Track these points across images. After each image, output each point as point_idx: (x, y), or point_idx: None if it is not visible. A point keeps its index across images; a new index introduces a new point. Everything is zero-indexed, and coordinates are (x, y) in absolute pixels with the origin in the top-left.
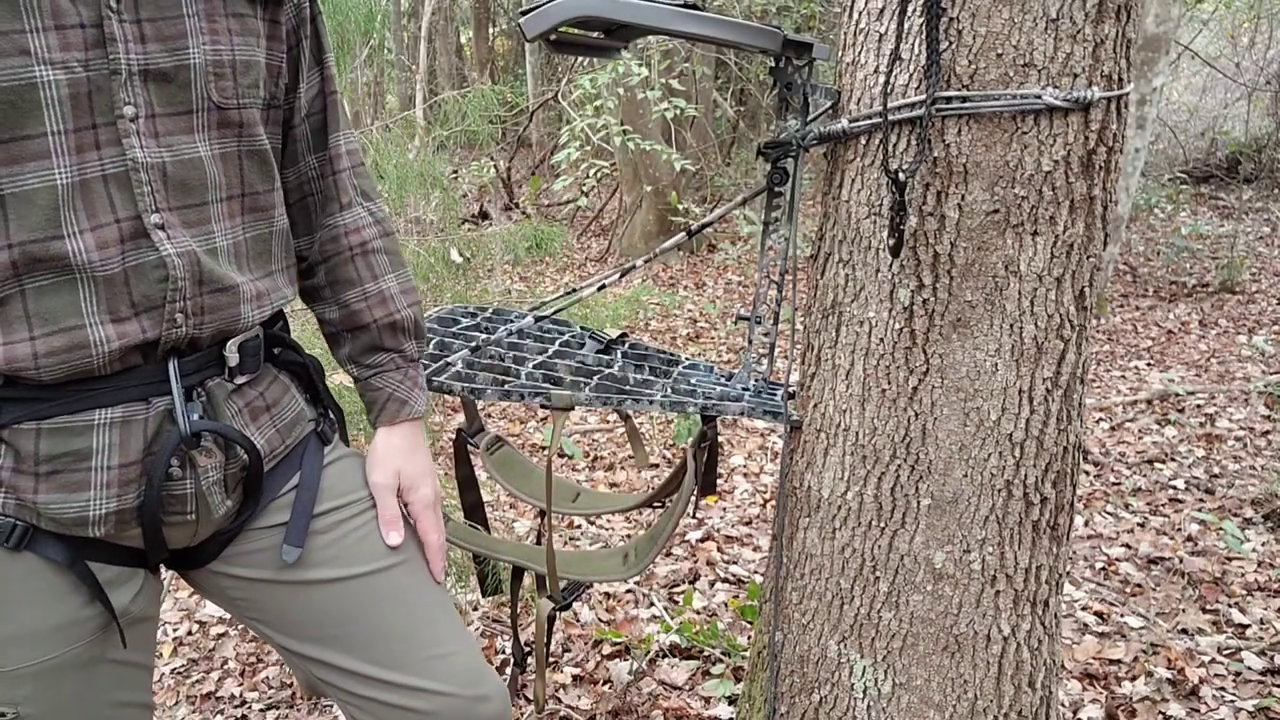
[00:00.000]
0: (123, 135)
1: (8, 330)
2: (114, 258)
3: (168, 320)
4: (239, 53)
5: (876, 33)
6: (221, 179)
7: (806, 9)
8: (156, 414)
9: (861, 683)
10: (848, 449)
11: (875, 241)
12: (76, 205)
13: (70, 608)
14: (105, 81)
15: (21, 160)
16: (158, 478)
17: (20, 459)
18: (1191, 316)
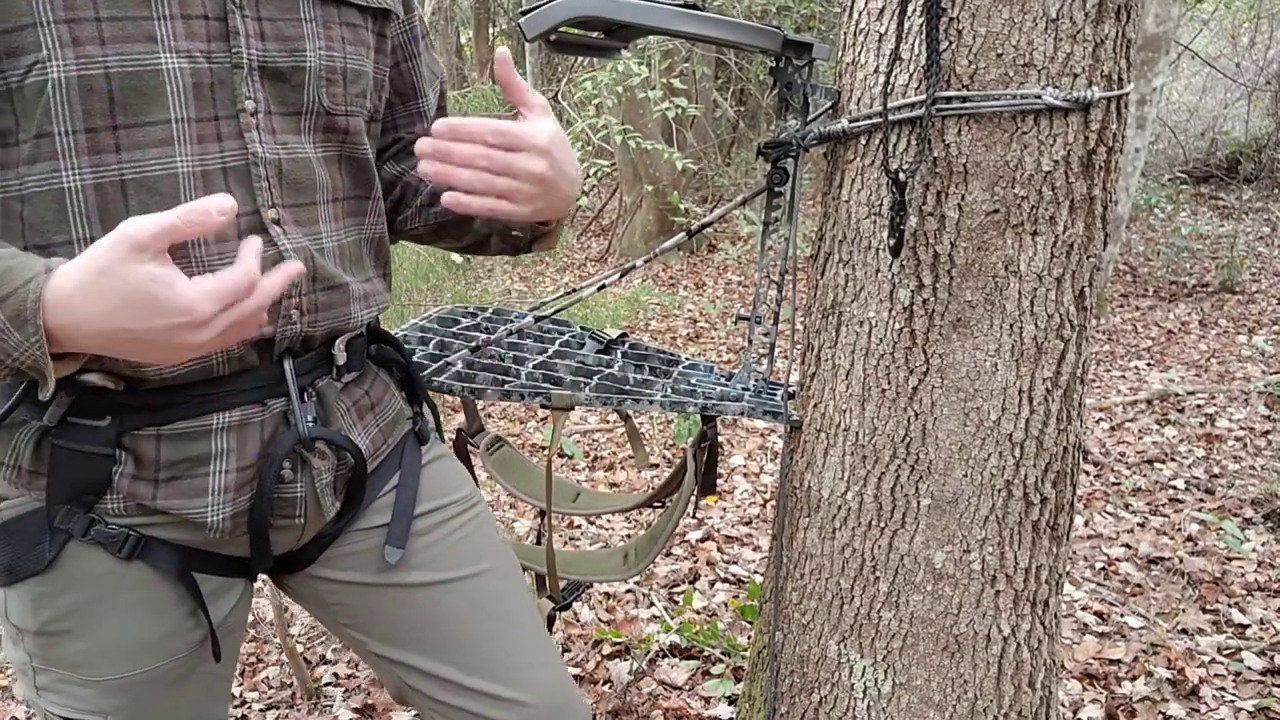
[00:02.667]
0: (244, 129)
1: None
2: (233, 251)
3: (283, 317)
4: (350, 61)
5: (876, 33)
6: (328, 180)
7: (806, 9)
8: (272, 416)
9: (861, 683)
10: (848, 449)
11: (875, 241)
12: (199, 194)
13: (173, 620)
14: (227, 75)
15: (144, 146)
16: (270, 481)
17: (141, 466)
18: (1191, 316)
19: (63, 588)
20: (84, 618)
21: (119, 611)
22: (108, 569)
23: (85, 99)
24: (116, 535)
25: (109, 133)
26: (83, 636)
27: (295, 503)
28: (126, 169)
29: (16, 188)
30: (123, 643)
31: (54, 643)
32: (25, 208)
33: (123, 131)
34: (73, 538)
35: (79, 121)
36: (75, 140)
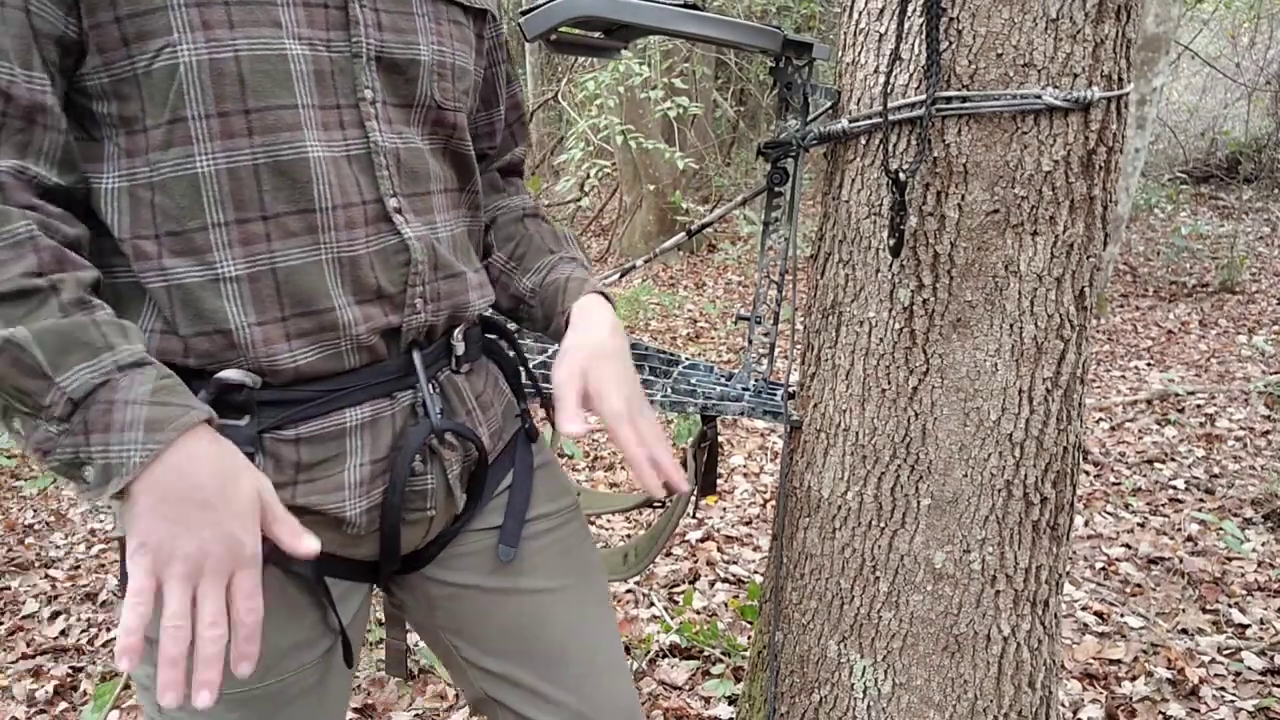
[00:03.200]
0: (364, 118)
1: (260, 309)
2: (360, 239)
3: (409, 306)
4: (458, 58)
5: (876, 33)
6: (439, 171)
7: (806, 9)
8: (401, 410)
9: (861, 683)
10: (848, 449)
11: (875, 241)
12: (330, 180)
13: (304, 626)
14: (347, 63)
15: (276, 129)
16: (403, 473)
17: (280, 469)
18: (1191, 316)
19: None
20: None
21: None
22: None
23: (216, 82)
24: None
25: (241, 116)
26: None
27: (426, 495)
28: (259, 153)
29: (146, 175)
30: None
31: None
32: (157, 195)
33: (254, 115)
34: None
35: (211, 105)
36: (208, 124)
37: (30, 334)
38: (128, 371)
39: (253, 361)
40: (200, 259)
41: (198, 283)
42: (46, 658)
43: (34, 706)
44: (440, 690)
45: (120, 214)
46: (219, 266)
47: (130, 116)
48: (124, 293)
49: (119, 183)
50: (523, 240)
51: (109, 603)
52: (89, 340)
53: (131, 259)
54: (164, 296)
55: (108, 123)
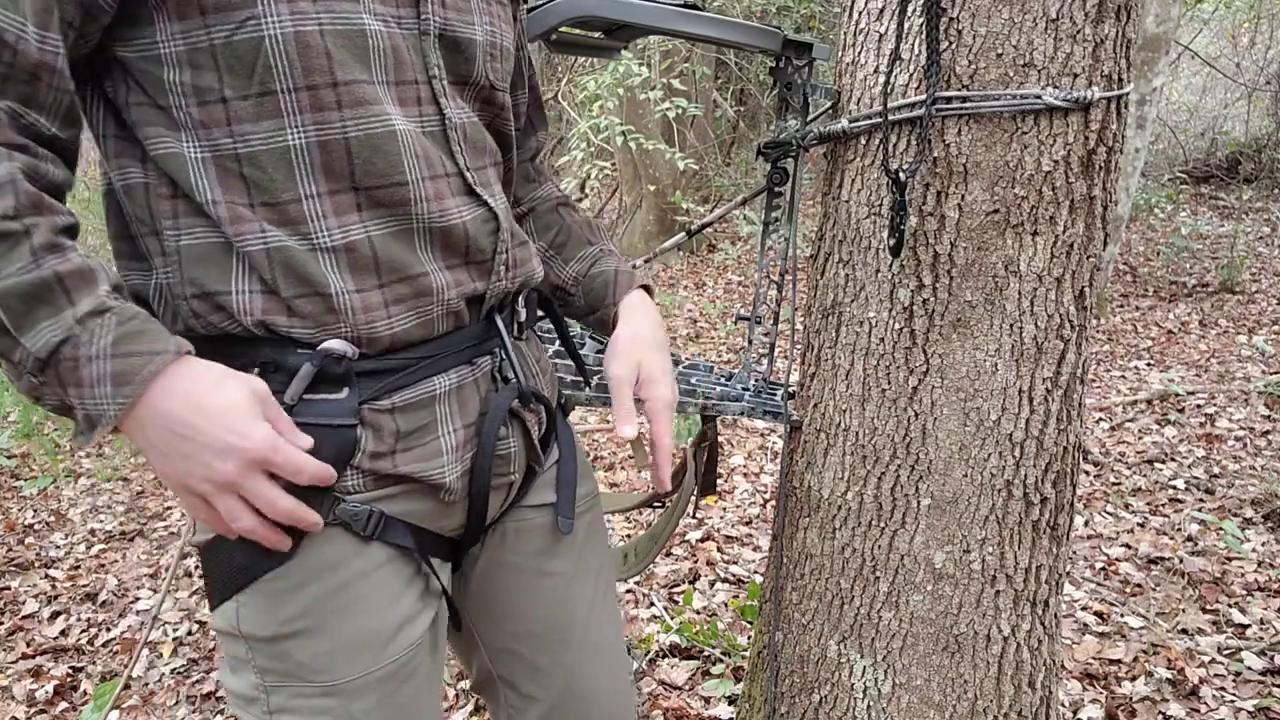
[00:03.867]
0: (438, 94)
1: (359, 277)
2: (452, 209)
3: (494, 273)
4: (504, 38)
5: (876, 33)
6: (492, 146)
7: (806, 9)
8: (483, 374)
9: (861, 683)
10: (848, 449)
11: (875, 241)
12: (417, 153)
13: (408, 603)
14: (417, 41)
15: (366, 103)
16: (492, 436)
17: (380, 439)
18: (1191, 316)
19: (303, 578)
20: (327, 610)
21: (364, 598)
22: (349, 552)
23: (304, 55)
24: (360, 513)
25: (330, 90)
26: (324, 633)
27: (510, 458)
28: (350, 126)
29: (231, 146)
30: (367, 633)
31: (293, 648)
32: (245, 166)
33: (343, 88)
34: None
35: (300, 78)
36: (298, 98)
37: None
38: (87, 323)
39: (351, 329)
40: (295, 229)
41: (297, 248)
42: (46, 658)
43: (34, 706)
44: (440, 691)
45: (209, 182)
46: (314, 237)
47: (205, 86)
48: (208, 253)
49: (202, 152)
50: (562, 229)
51: (109, 603)
52: (51, 298)
53: (226, 222)
54: (263, 259)
55: (178, 91)
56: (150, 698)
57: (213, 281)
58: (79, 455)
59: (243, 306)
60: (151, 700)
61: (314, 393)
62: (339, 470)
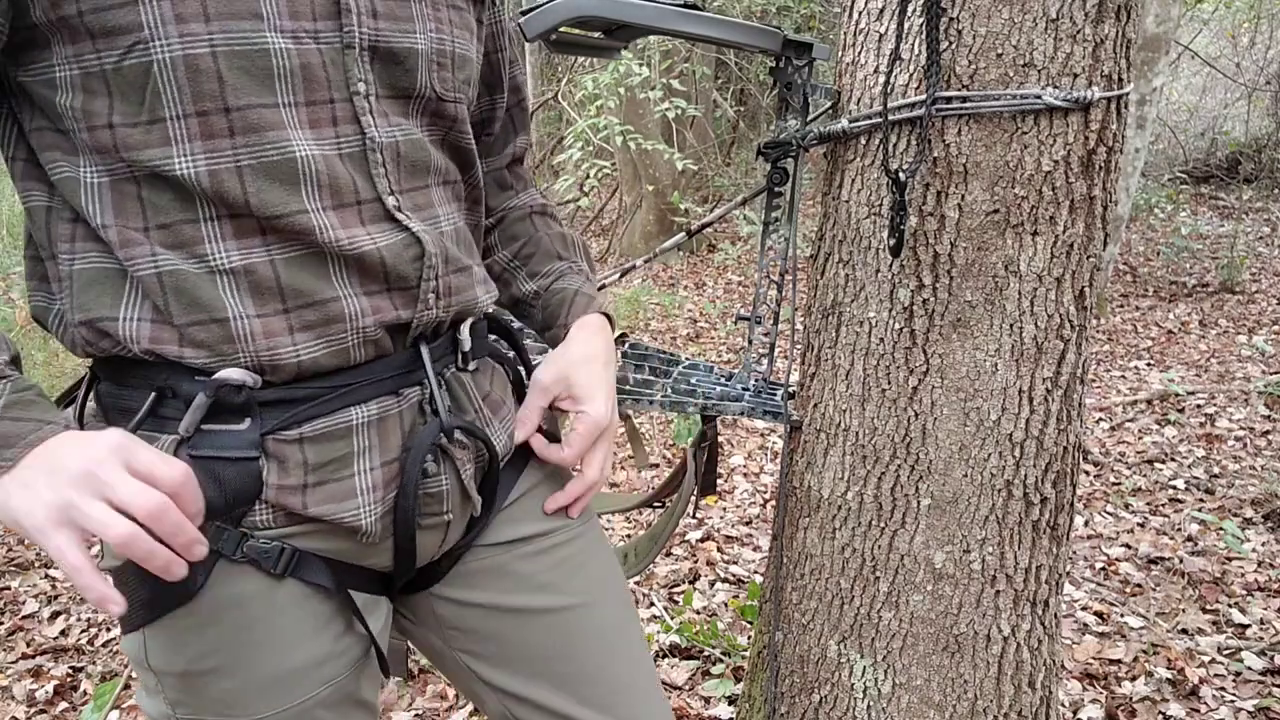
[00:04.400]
0: (359, 113)
1: (260, 301)
2: (361, 237)
3: (421, 301)
4: (458, 46)
5: (876, 33)
6: (440, 163)
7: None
8: (410, 407)
9: (861, 683)
10: (848, 449)
11: (875, 241)
12: (321, 181)
13: (328, 640)
14: (338, 55)
15: (259, 129)
16: (414, 473)
17: (286, 471)
18: (1191, 316)
19: (210, 616)
20: (235, 649)
21: (273, 637)
22: (258, 590)
23: (194, 80)
24: (270, 549)
25: (221, 116)
26: (234, 672)
27: (441, 497)
28: (242, 154)
29: (127, 171)
30: (279, 672)
31: (202, 684)
32: (144, 189)
33: (236, 114)
34: (223, 557)
35: (189, 105)
36: (187, 125)
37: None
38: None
39: (252, 356)
40: (191, 251)
41: (192, 272)
42: (46, 658)
43: (34, 706)
44: (440, 690)
45: (101, 206)
46: (211, 259)
47: (95, 111)
48: (99, 278)
49: (99, 176)
50: (530, 241)
51: None
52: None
53: (116, 246)
54: (155, 284)
55: (70, 115)
56: None
57: (101, 308)
58: None
59: (130, 334)
60: None
61: (213, 423)
62: (242, 506)
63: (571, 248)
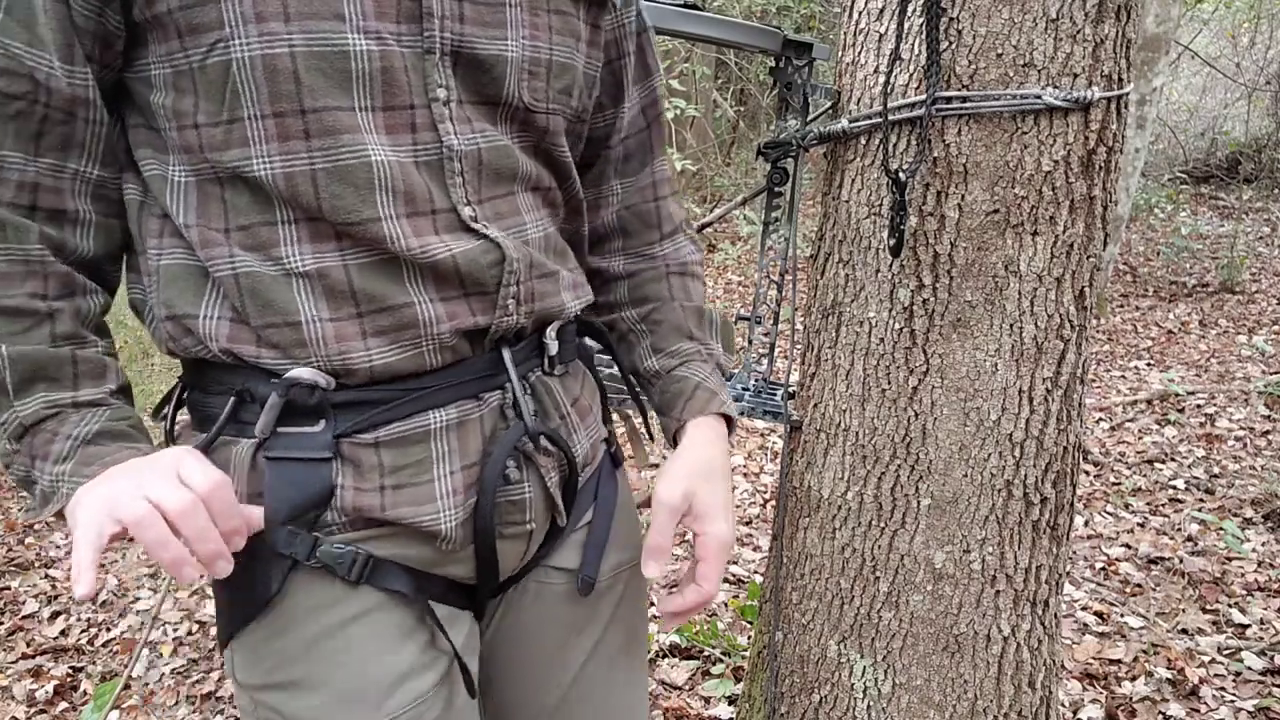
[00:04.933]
0: (437, 120)
1: (333, 305)
2: (434, 246)
3: (500, 307)
4: (557, 53)
5: (876, 33)
6: (529, 170)
7: (806, 9)
8: (490, 411)
9: (861, 683)
10: (848, 449)
11: (875, 241)
12: (394, 188)
13: (411, 652)
14: (419, 60)
15: (335, 132)
16: (494, 479)
17: (361, 475)
18: (1191, 316)
19: (287, 623)
20: (314, 659)
21: (352, 646)
22: (334, 597)
23: (271, 80)
24: (344, 555)
25: (297, 118)
26: (316, 686)
27: (524, 505)
28: (317, 157)
29: (211, 171)
30: (363, 685)
31: (282, 701)
32: (227, 190)
33: (312, 116)
34: (298, 563)
35: (266, 105)
36: (264, 126)
37: (7, 353)
38: (82, 409)
39: (324, 360)
40: (268, 254)
41: (268, 275)
42: (46, 658)
43: (34, 706)
44: None
45: (185, 205)
46: (287, 262)
47: (183, 110)
48: (182, 275)
49: (185, 176)
50: (661, 307)
51: (109, 602)
52: (59, 376)
53: (197, 246)
54: (232, 285)
55: (162, 114)
56: (150, 698)
57: (184, 304)
58: None
59: (209, 331)
60: (151, 700)
61: (289, 425)
62: (314, 509)
63: (706, 325)
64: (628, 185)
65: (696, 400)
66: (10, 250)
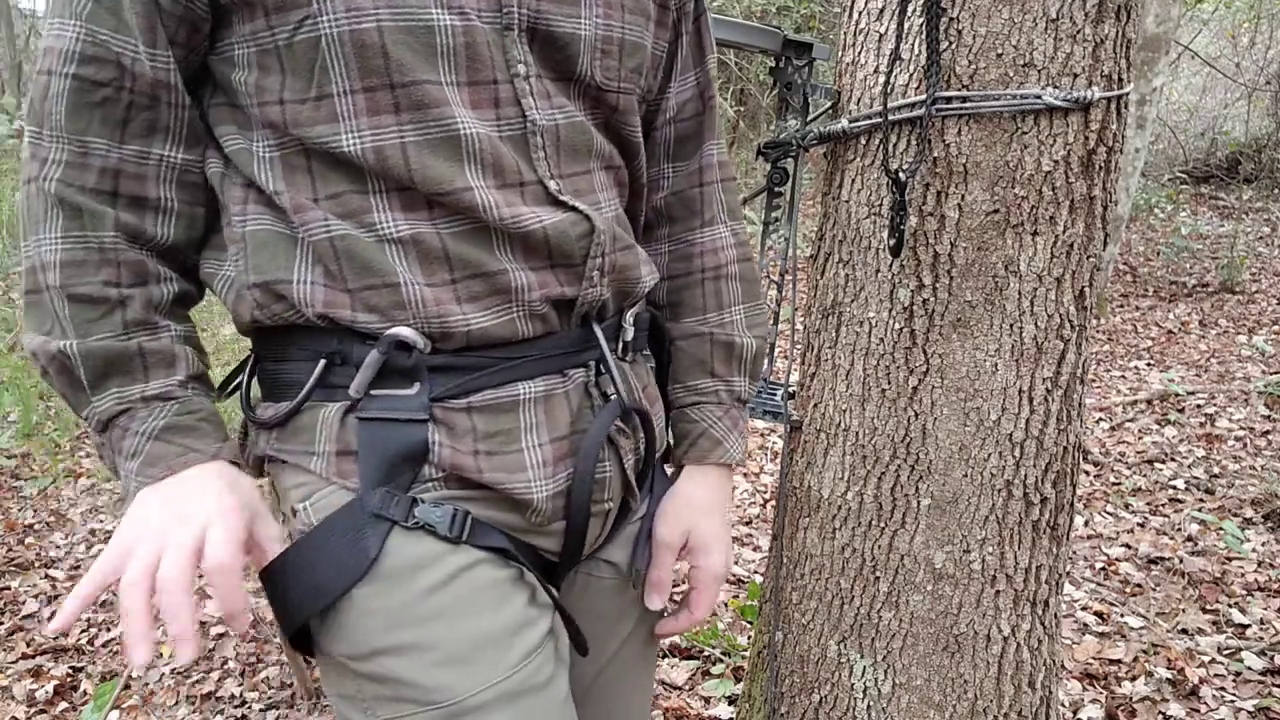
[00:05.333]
0: (520, 95)
1: (428, 269)
2: (525, 216)
3: (586, 279)
4: (629, 32)
5: (876, 33)
6: (604, 148)
7: (806, 9)
8: (576, 387)
9: (861, 683)
10: (848, 449)
11: (875, 241)
12: (484, 161)
13: (518, 606)
14: (498, 36)
15: (424, 106)
16: (592, 453)
17: (456, 437)
18: (1191, 316)
19: (390, 585)
20: (424, 619)
21: (460, 603)
22: (435, 556)
23: (360, 56)
24: (443, 513)
25: (386, 92)
26: (426, 647)
27: (605, 484)
28: (408, 130)
29: (297, 147)
30: (478, 637)
31: (399, 665)
32: (314, 162)
33: (401, 91)
34: (396, 524)
35: (355, 80)
36: (353, 101)
37: (80, 350)
38: (151, 404)
39: (423, 322)
40: (360, 220)
41: (363, 238)
42: (46, 658)
43: (34, 706)
44: None
45: (273, 175)
46: (380, 229)
47: (267, 88)
48: (271, 240)
49: (270, 151)
50: (689, 328)
51: (109, 603)
52: (129, 369)
53: (290, 211)
54: (328, 248)
55: (245, 92)
56: (150, 698)
57: (275, 270)
58: (79, 455)
59: (304, 296)
60: (151, 700)
61: (381, 388)
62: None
63: (733, 360)
64: (679, 170)
65: (699, 448)
66: (86, 238)
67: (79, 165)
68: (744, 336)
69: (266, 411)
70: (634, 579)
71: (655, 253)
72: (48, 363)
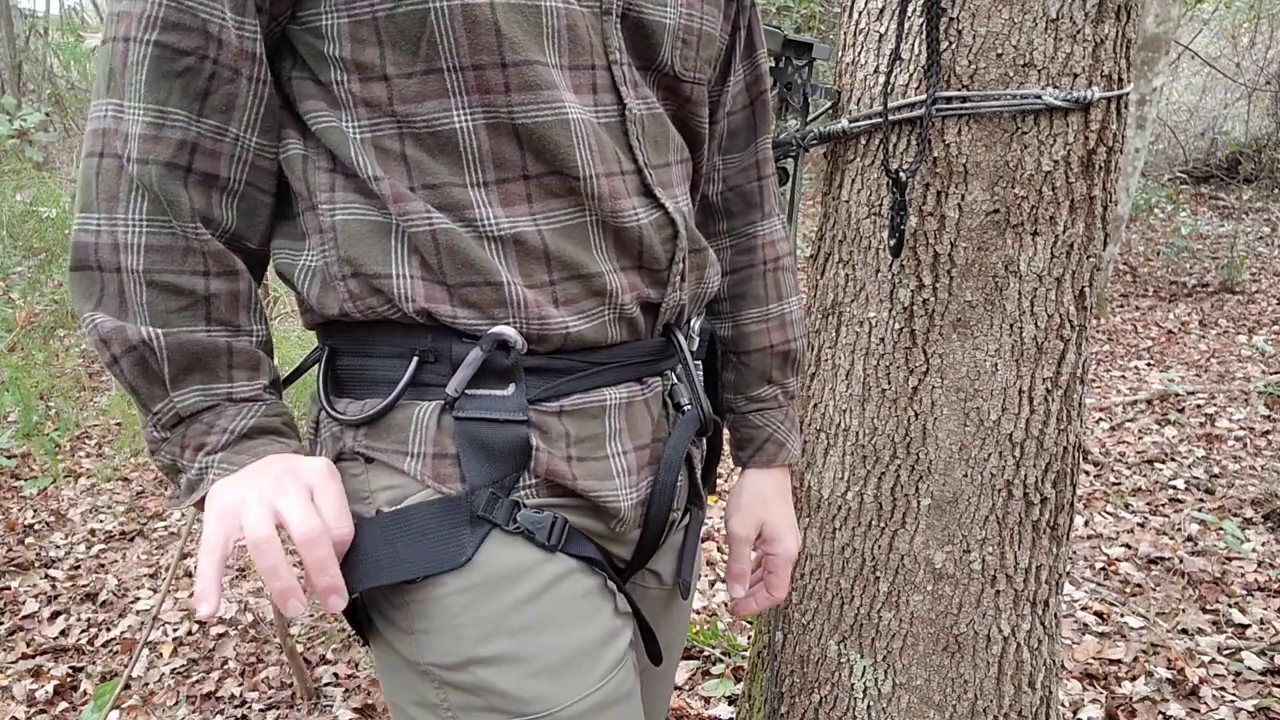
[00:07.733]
0: (618, 82)
1: (526, 271)
2: (626, 210)
3: (670, 283)
4: (706, 23)
5: (876, 33)
6: (677, 140)
7: (806, 9)
8: (654, 395)
9: (861, 683)
10: (848, 449)
11: (875, 241)
12: (592, 146)
13: (607, 615)
14: (597, 20)
15: (535, 87)
16: (675, 465)
17: (550, 441)
18: (1191, 316)
19: (487, 591)
20: (519, 629)
21: (556, 613)
22: (532, 562)
23: (471, 31)
24: (543, 519)
25: (498, 70)
26: (523, 658)
27: (680, 493)
28: (518, 111)
29: (393, 128)
30: (573, 649)
31: (494, 675)
32: (408, 147)
33: (512, 70)
34: (496, 527)
35: (466, 56)
36: (464, 77)
37: (165, 342)
38: (239, 404)
39: (523, 323)
40: (460, 214)
41: (464, 234)
42: (46, 658)
43: (34, 706)
44: None
45: (369, 159)
46: (480, 224)
47: (366, 63)
48: (364, 231)
49: (361, 132)
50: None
51: (109, 603)
52: (214, 367)
53: (389, 200)
54: (429, 242)
55: (339, 66)
56: (150, 698)
57: (370, 262)
58: (79, 455)
59: (403, 292)
60: (151, 700)
61: (477, 387)
62: (510, 472)
63: (788, 366)
64: (731, 162)
65: (765, 453)
66: (170, 224)
67: (154, 138)
68: (796, 340)
69: (350, 407)
70: (682, 589)
71: (717, 248)
72: (123, 351)
